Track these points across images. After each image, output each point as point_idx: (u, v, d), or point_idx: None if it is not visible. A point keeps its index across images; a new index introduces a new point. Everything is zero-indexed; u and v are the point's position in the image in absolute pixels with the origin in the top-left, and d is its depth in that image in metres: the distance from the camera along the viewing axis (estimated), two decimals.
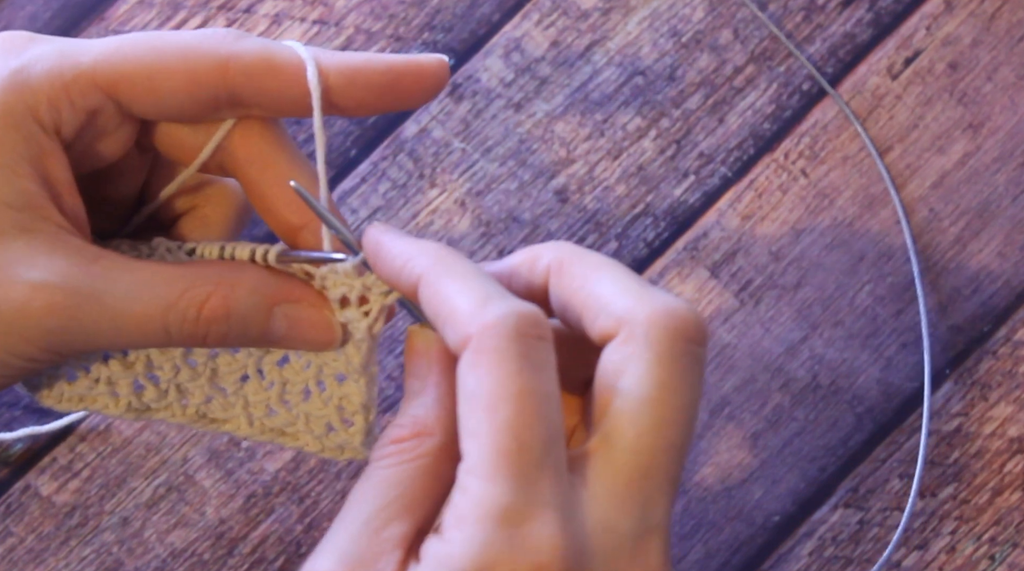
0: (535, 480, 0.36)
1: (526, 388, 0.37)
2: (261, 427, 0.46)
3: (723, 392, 0.58)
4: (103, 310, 0.41)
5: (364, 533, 0.39)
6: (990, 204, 0.60)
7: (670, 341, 0.38)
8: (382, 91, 0.43)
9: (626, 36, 0.61)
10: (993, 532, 0.57)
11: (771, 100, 0.61)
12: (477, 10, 0.61)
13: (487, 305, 0.38)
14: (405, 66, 0.43)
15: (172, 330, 0.41)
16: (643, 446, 0.38)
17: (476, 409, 0.37)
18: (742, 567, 0.57)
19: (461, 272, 0.39)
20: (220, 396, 0.45)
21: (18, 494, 0.56)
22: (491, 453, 0.36)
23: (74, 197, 0.43)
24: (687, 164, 0.60)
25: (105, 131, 0.43)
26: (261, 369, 0.45)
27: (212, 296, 0.41)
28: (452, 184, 0.60)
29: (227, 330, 0.42)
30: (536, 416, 0.37)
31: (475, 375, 0.37)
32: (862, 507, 0.57)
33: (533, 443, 0.37)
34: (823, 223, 0.60)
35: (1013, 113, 0.61)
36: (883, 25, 0.62)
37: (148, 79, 0.42)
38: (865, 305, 0.59)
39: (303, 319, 0.43)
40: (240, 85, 0.42)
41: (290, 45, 0.43)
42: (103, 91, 0.42)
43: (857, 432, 0.58)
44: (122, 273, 0.41)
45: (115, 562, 0.56)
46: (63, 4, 0.61)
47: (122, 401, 0.45)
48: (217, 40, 0.42)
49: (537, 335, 0.38)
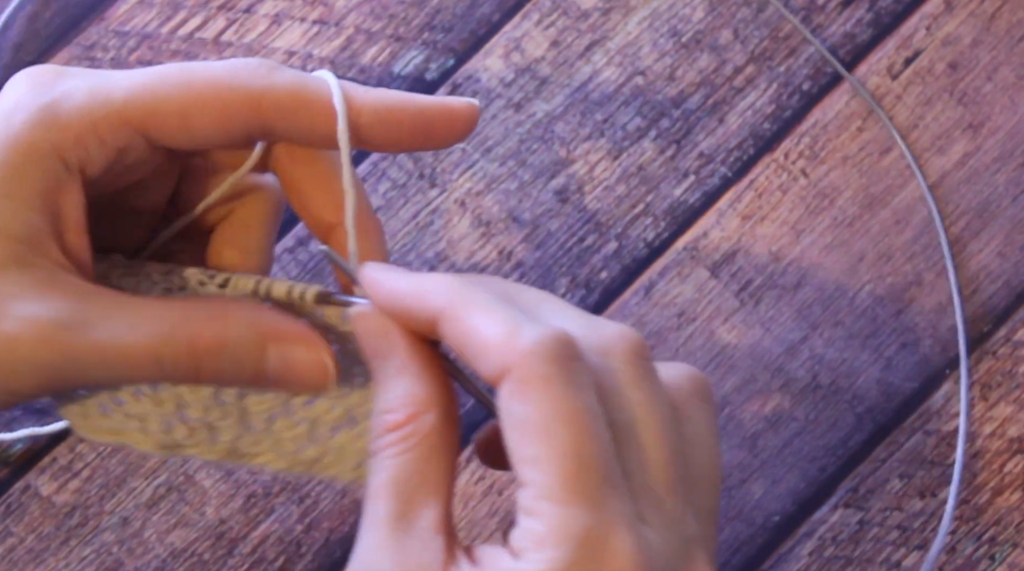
0: (605, 498, 0.37)
1: (578, 410, 0.37)
2: (293, 461, 0.46)
3: (723, 392, 0.58)
4: (92, 344, 0.40)
5: (400, 528, 0.39)
6: (990, 204, 0.60)
7: (631, 365, 0.39)
8: (413, 132, 0.43)
9: (626, 36, 0.61)
10: (993, 532, 0.57)
11: (771, 100, 0.61)
12: (477, 10, 0.61)
13: (519, 332, 0.38)
14: (437, 109, 0.43)
15: (164, 363, 0.41)
16: (656, 461, 0.39)
17: (531, 436, 0.37)
18: (742, 567, 0.56)
19: (481, 302, 0.39)
20: (250, 434, 0.45)
21: (18, 494, 0.56)
22: (558, 477, 0.37)
23: (80, 236, 0.42)
24: (687, 164, 0.60)
25: (134, 164, 0.43)
26: (290, 408, 0.45)
27: (205, 330, 0.41)
28: (452, 184, 0.60)
29: (220, 365, 0.42)
30: (592, 435, 0.37)
31: (523, 403, 0.37)
32: (862, 507, 0.57)
33: (595, 462, 0.37)
34: (823, 223, 0.60)
35: (1013, 113, 0.61)
36: (883, 25, 0.62)
37: (180, 117, 0.41)
38: (865, 305, 0.59)
39: (296, 360, 0.42)
40: (272, 120, 0.42)
41: (323, 78, 0.43)
42: (134, 128, 0.41)
43: (857, 432, 0.58)
44: (115, 309, 0.41)
45: (115, 562, 0.56)
46: (63, 4, 0.61)
47: (151, 438, 0.45)
48: (250, 73, 0.42)
49: (573, 355, 0.38)
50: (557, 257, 0.59)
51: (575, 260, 0.59)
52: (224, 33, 0.61)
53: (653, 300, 0.59)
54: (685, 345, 0.58)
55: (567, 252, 0.59)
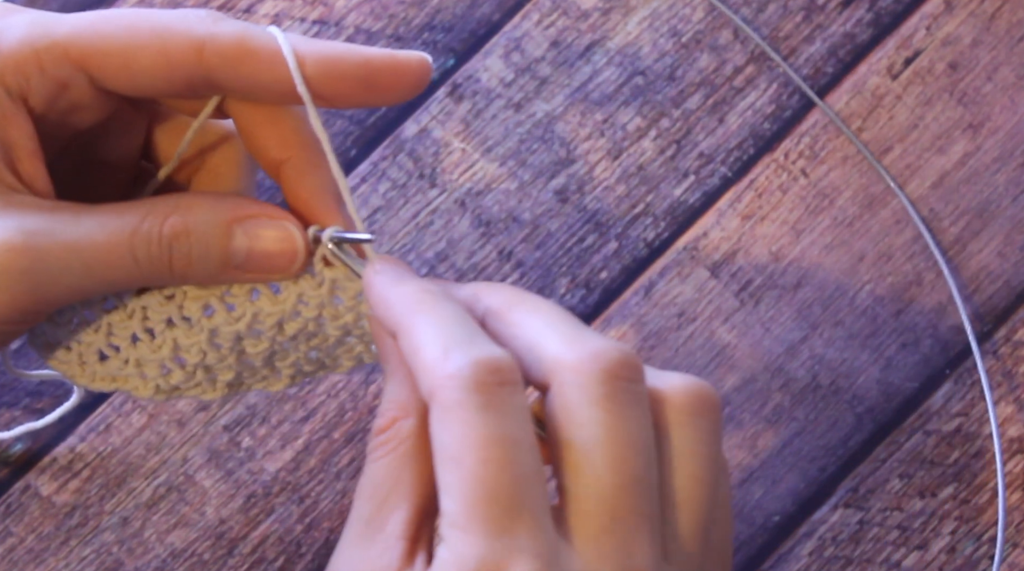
0: (509, 528, 0.36)
1: (490, 436, 0.36)
2: (293, 376, 0.46)
3: (723, 392, 0.58)
4: (68, 248, 0.40)
5: (367, 532, 0.39)
6: (990, 204, 0.60)
7: (602, 383, 0.38)
8: (359, 83, 0.42)
9: (626, 36, 0.61)
10: (993, 532, 0.57)
11: (771, 100, 0.61)
12: (477, 10, 0.61)
13: (448, 356, 0.37)
14: (384, 61, 0.42)
15: (139, 255, 0.41)
16: (604, 488, 0.38)
17: (445, 463, 0.37)
18: (742, 567, 0.56)
19: (431, 318, 0.39)
20: (248, 369, 0.46)
21: (18, 494, 0.56)
22: (463, 505, 0.36)
23: (35, 164, 0.42)
24: (687, 164, 0.60)
25: (79, 102, 0.43)
26: (287, 344, 0.45)
27: (171, 215, 0.41)
28: (452, 184, 0.60)
29: (189, 249, 0.41)
30: (503, 463, 0.36)
31: (440, 429, 0.37)
32: (862, 507, 0.57)
33: (502, 491, 0.36)
34: (823, 223, 0.60)
35: (1013, 113, 0.61)
36: (883, 25, 0.62)
37: (121, 57, 0.41)
38: (865, 305, 0.59)
39: (263, 235, 0.42)
40: (215, 68, 0.41)
41: (269, 30, 0.42)
42: (75, 64, 0.41)
43: (857, 432, 0.58)
44: (81, 213, 0.41)
45: (115, 562, 0.56)
46: (63, 4, 0.61)
47: (150, 383, 0.45)
48: (194, 21, 0.42)
49: (498, 381, 0.37)
50: (557, 257, 0.59)
51: (575, 260, 0.59)
52: None
53: (653, 300, 0.59)
54: (685, 345, 0.58)
55: (567, 252, 0.59)
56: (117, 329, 0.44)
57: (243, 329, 0.44)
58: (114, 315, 0.44)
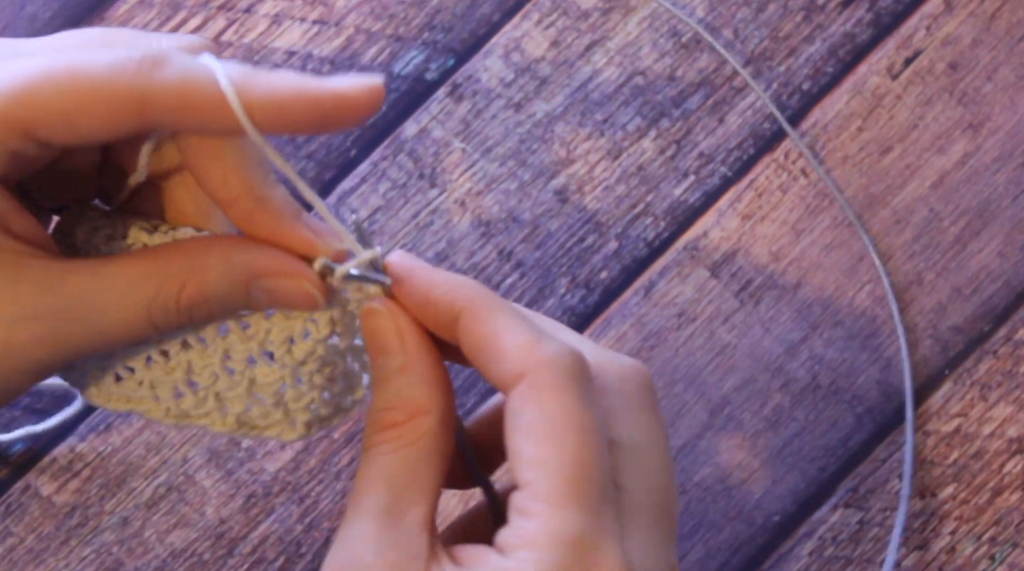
0: (601, 510, 0.38)
1: (588, 422, 0.39)
2: (309, 423, 0.46)
3: (723, 392, 0.58)
4: (87, 327, 0.41)
5: (387, 522, 0.39)
6: (990, 204, 0.60)
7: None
8: (309, 119, 0.42)
9: (626, 36, 0.61)
10: (993, 532, 0.57)
11: (771, 100, 0.61)
12: (477, 10, 0.61)
13: (541, 343, 0.39)
14: (330, 97, 0.41)
15: (158, 323, 0.42)
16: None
17: (539, 439, 0.38)
18: (742, 567, 0.57)
19: (506, 309, 0.41)
20: (259, 406, 0.46)
21: (18, 494, 0.56)
22: (561, 481, 0.38)
23: (23, 219, 0.42)
24: (687, 164, 0.60)
25: (35, 158, 0.42)
26: (300, 377, 0.45)
27: (187, 285, 0.41)
28: (452, 184, 0.60)
29: (209, 311, 0.42)
30: (598, 447, 0.39)
31: (535, 407, 0.39)
32: (862, 507, 0.57)
33: (597, 475, 0.38)
34: (823, 223, 0.60)
35: (1013, 113, 0.61)
36: (883, 25, 0.62)
37: (64, 120, 0.41)
38: (865, 305, 0.59)
39: (281, 291, 0.42)
40: (159, 119, 0.41)
41: (209, 66, 0.41)
42: (19, 133, 0.41)
43: (857, 432, 0.58)
44: (94, 283, 0.41)
45: (115, 562, 0.56)
46: (63, 4, 0.61)
47: (162, 406, 0.45)
48: (132, 72, 0.41)
49: (588, 376, 0.40)
50: (557, 257, 0.59)
51: (575, 260, 0.59)
52: (224, 33, 0.61)
53: (653, 300, 0.59)
54: (685, 345, 0.58)
55: (567, 252, 0.59)
56: (132, 351, 0.45)
57: (256, 349, 0.44)
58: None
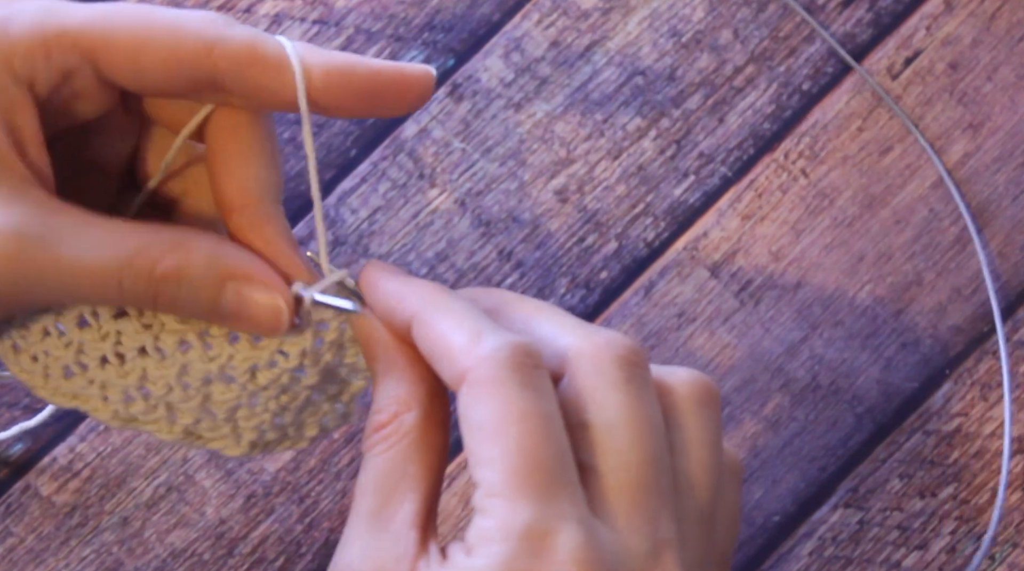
0: (554, 496, 0.38)
1: (530, 411, 0.38)
2: (253, 443, 0.46)
3: (723, 392, 0.58)
4: (58, 261, 0.40)
5: (376, 524, 0.39)
6: (990, 204, 0.60)
7: (620, 368, 0.40)
8: (365, 95, 0.43)
9: (626, 36, 0.61)
10: (993, 532, 0.57)
11: (771, 100, 0.61)
12: (477, 10, 0.61)
13: (480, 339, 0.39)
14: (390, 74, 0.43)
15: (125, 285, 0.41)
16: (631, 463, 0.39)
17: (485, 437, 0.38)
18: (742, 567, 0.57)
19: (452, 309, 0.40)
20: (209, 419, 0.45)
21: (18, 494, 0.56)
22: (508, 475, 0.38)
23: (40, 152, 0.42)
24: (687, 164, 0.60)
25: (82, 93, 0.43)
26: (256, 400, 0.45)
27: (167, 257, 0.41)
28: (452, 184, 0.60)
29: (177, 293, 0.42)
30: (545, 435, 0.38)
31: (477, 405, 0.39)
32: (862, 507, 0.57)
33: (546, 461, 0.38)
34: (823, 223, 0.60)
35: (1013, 113, 0.61)
36: (883, 25, 0.62)
37: (130, 50, 0.41)
38: (865, 305, 0.59)
39: (252, 300, 0.42)
40: (222, 70, 0.42)
41: (279, 39, 0.43)
42: (83, 54, 0.42)
43: (857, 432, 0.58)
44: (81, 225, 0.41)
45: (115, 562, 0.56)
46: None
47: (110, 407, 0.45)
48: (206, 22, 0.42)
49: (532, 364, 0.39)
50: (557, 257, 0.59)
51: (575, 260, 0.59)
52: None
53: (653, 300, 0.59)
54: (685, 345, 0.58)
55: (567, 252, 0.59)
56: (88, 348, 0.44)
57: (215, 370, 0.44)
58: (87, 333, 0.44)
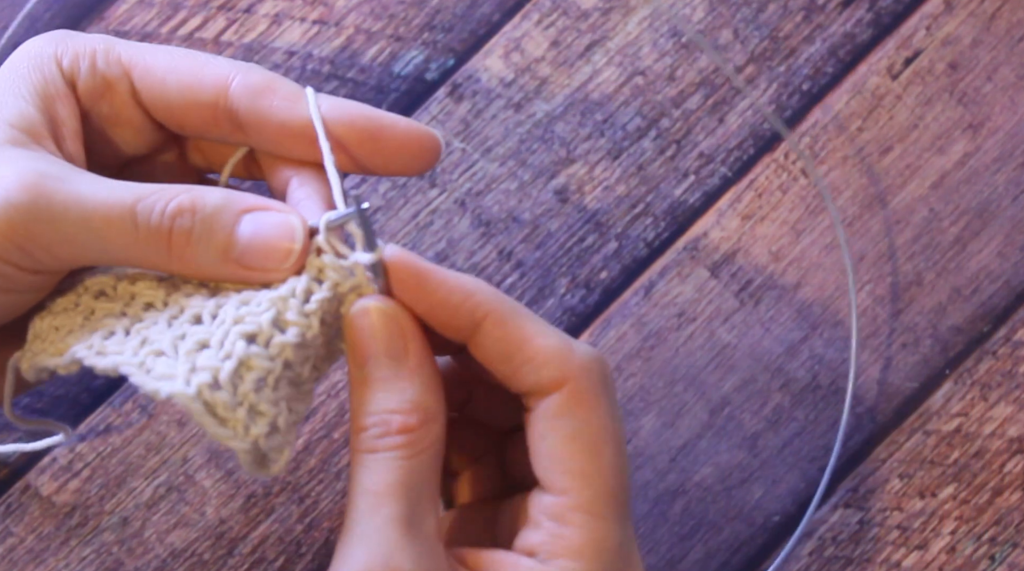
0: (628, 518, 0.40)
1: (620, 430, 0.41)
2: (255, 438, 0.45)
3: (723, 392, 0.58)
4: (77, 194, 0.41)
5: (411, 532, 0.39)
6: (990, 204, 0.60)
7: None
8: (369, 137, 0.45)
9: (626, 36, 0.61)
10: (993, 532, 0.57)
11: (771, 100, 0.61)
12: (477, 10, 0.61)
13: (574, 348, 0.41)
14: (401, 125, 0.45)
15: (139, 222, 0.41)
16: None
17: (581, 448, 0.40)
18: (742, 567, 0.57)
19: (530, 314, 0.42)
20: (229, 389, 0.45)
21: (18, 494, 0.56)
22: (603, 493, 0.40)
23: (77, 147, 0.45)
24: (687, 164, 0.60)
25: (122, 113, 0.46)
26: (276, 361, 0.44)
27: (182, 194, 0.42)
28: (452, 184, 0.60)
29: (191, 226, 0.42)
30: (627, 461, 0.41)
31: (577, 417, 0.40)
32: (862, 507, 0.57)
33: (627, 483, 0.40)
34: (823, 223, 0.60)
35: (1013, 113, 0.61)
36: (883, 25, 0.62)
37: (161, 69, 0.45)
38: (865, 305, 0.59)
39: (267, 222, 0.42)
40: (238, 98, 0.44)
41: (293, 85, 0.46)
42: (123, 67, 0.45)
43: (857, 432, 0.58)
44: (99, 178, 0.42)
45: (115, 562, 0.56)
46: (63, 4, 0.61)
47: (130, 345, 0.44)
48: (232, 62, 0.45)
49: (613, 380, 0.42)
50: (557, 257, 0.59)
51: (575, 260, 0.59)
52: (224, 33, 0.61)
53: (653, 300, 0.59)
54: (685, 345, 0.58)
55: (567, 252, 0.59)
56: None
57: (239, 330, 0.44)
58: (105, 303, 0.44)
